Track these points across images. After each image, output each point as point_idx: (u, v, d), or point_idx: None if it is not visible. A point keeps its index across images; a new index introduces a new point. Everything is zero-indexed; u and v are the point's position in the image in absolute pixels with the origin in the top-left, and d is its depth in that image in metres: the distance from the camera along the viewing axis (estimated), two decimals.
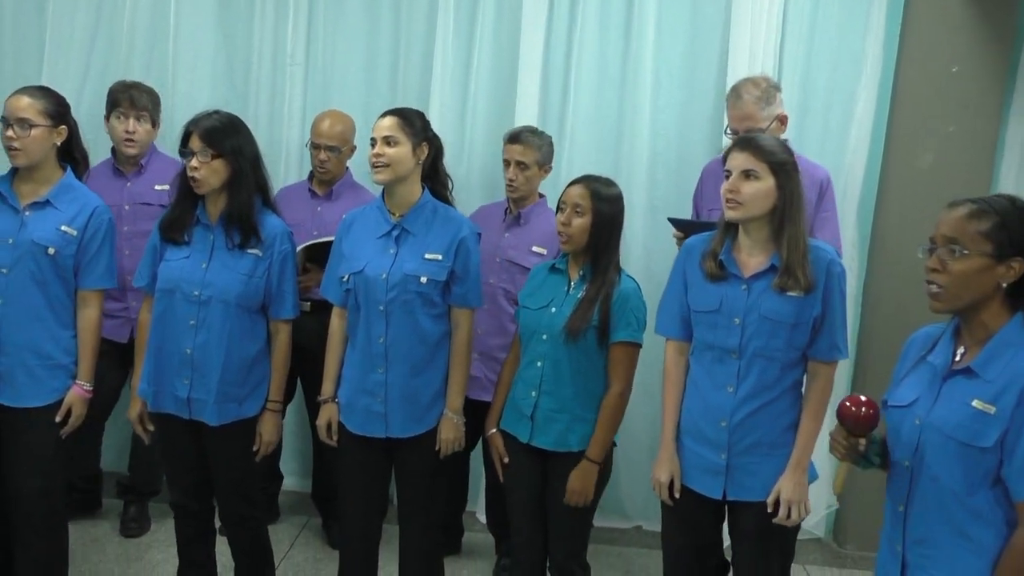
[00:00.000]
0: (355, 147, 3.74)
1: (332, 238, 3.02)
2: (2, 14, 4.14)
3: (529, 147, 3.41)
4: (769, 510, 2.47)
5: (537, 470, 2.83)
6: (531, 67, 3.93)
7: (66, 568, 3.00)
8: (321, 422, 2.94)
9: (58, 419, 2.83)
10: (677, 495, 2.58)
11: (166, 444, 2.92)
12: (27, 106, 2.72)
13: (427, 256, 2.79)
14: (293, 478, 4.18)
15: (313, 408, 3.67)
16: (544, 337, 2.77)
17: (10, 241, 2.74)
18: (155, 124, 3.68)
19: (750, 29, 3.78)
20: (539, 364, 2.78)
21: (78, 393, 2.87)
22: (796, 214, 2.44)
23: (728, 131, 3.30)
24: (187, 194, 2.77)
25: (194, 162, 2.68)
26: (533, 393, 2.78)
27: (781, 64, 3.85)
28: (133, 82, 3.68)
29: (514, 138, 3.44)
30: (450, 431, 2.86)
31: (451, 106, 4.00)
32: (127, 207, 3.57)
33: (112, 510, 3.89)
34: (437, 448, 2.86)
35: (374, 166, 2.77)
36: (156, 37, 4.08)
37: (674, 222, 3.30)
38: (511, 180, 3.43)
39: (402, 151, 2.76)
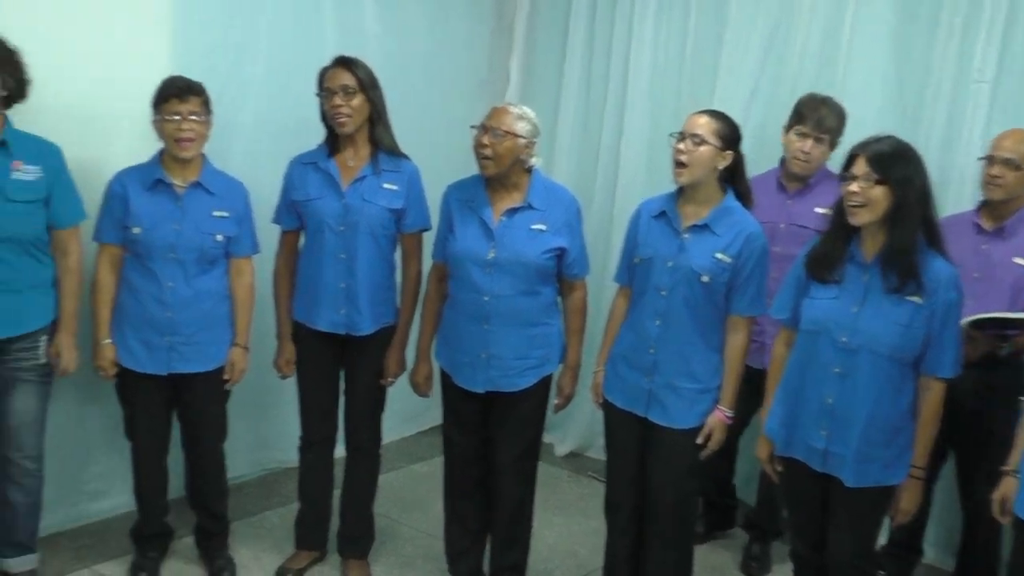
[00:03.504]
0: None
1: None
2: (685, 42, 4.33)
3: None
4: None
5: None
6: None
7: None
8: (997, 496, 2.47)
9: (699, 441, 2.84)
10: None
11: (791, 491, 2.76)
12: (704, 124, 2.77)
13: None
14: (934, 550, 3.70)
15: (966, 481, 3.24)
16: None
17: (669, 264, 2.80)
18: (833, 145, 3.47)
19: None
20: None
21: (720, 418, 2.85)
22: None
23: None
24: (841, 227, 2.56)
25: (854, 187, 2.46)
26: None
27: None
28: (823, 98, 3.50)
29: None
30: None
31: None
32: (782, 226, 3.43)
33: (739, 541, 3.84)
34: None
35: None
36: (826, 58, 3.93)
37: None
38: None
39: None
